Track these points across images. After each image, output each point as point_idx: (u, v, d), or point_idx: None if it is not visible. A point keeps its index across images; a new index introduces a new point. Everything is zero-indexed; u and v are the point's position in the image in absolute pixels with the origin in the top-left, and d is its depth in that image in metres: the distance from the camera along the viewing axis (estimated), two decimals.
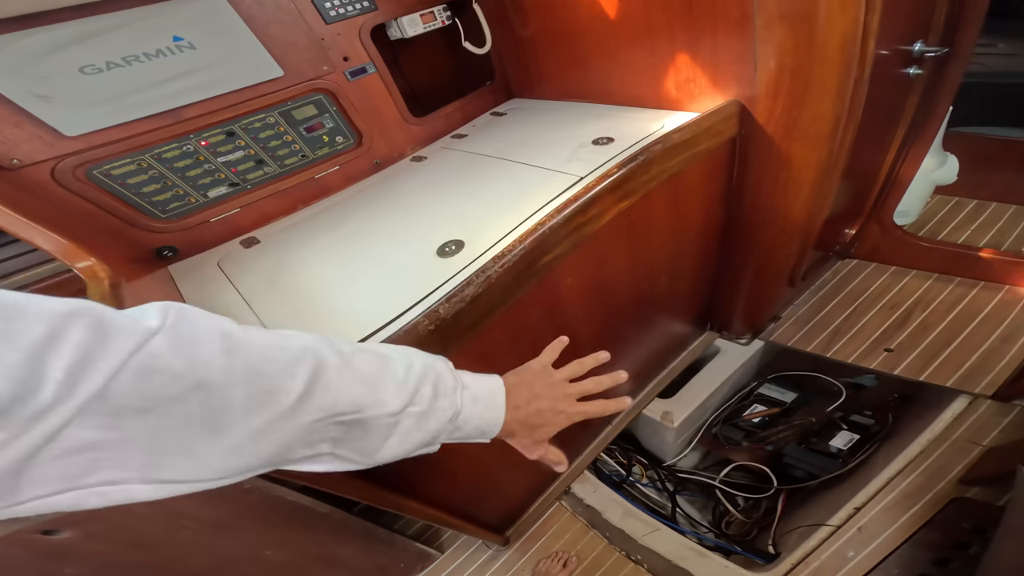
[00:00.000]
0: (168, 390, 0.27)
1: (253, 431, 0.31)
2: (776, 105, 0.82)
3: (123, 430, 0.26)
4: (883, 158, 1.23)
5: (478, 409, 0.45)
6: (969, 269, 1.42)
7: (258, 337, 0.33)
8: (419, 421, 0.40)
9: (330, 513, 0.92)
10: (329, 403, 0.34)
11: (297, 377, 0.33)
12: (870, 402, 1.48)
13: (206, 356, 0.29)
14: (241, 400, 0.30)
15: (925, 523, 1.02)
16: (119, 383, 0.25)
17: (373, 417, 0.37)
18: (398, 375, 0.39)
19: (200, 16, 0.77)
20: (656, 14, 0.87)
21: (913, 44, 0.90)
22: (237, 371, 0.30)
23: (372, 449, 0.38)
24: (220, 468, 0.31)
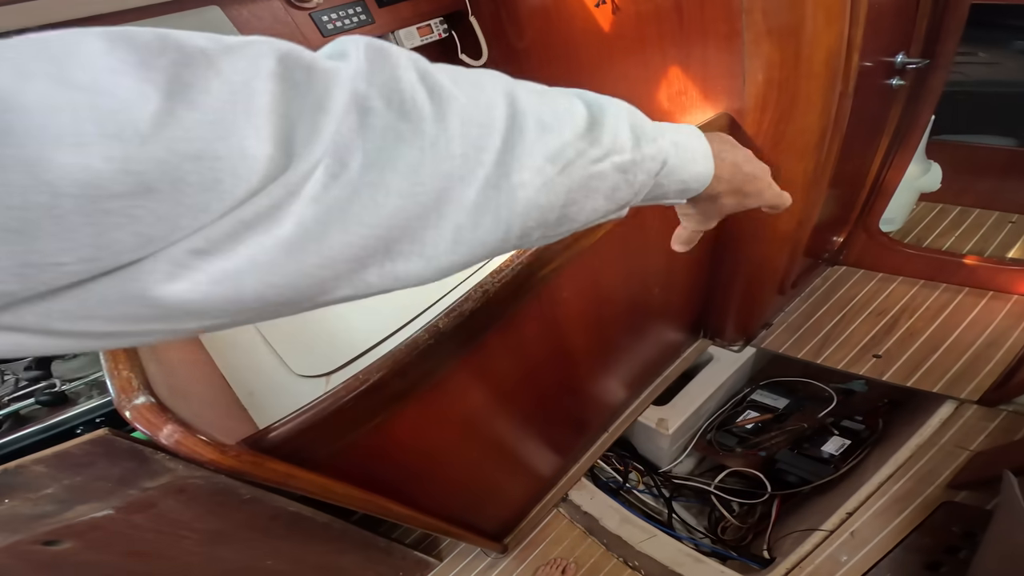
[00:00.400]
0: (393, 153, 0.22)
1: (470, 206, 0.25)
2: (764, 118, 0.84)
3: None
4: (868, 167, 1.26)
5: (682, 158, 0.35)
6: (954, 275, 1.45)
7: (454, 74, 0.26)
8: (626, 174, 0.31)
9: (330, 523, 0.92)
10: (530, 161, 0.27)
11: (497, 128, 0.26)
12: (861, 408, 1.51)
13: (417, 105, 0.23)
14: (459, 160, 0.24)
15: (916, 527, 1.04)
16: (339, 146, 0.20)
17: (576, 171, 0.29)
18: (583, 114, 0.30)
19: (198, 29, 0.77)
20: (648, 29, 0.89)
21: (895, 56, 0.93)
22: (451, 122, 0.24)
23: (576, 214, 0.30)
24: (447, 267, 0.26)
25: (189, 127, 0.16)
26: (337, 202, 0.20)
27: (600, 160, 0.30)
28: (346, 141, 0.20)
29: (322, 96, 0.19)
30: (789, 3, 0.67)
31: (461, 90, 0.25)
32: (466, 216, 0.25)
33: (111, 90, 0.15)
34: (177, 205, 0.16)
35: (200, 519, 0.73)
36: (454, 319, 0.64)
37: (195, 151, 0.16)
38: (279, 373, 0.65)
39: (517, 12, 1.15)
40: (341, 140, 0.20)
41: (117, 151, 0.15)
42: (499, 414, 0.96)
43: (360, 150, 0.21)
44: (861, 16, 0.69)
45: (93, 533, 0.62)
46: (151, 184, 0.15)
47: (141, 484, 0.60)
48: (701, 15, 0.79)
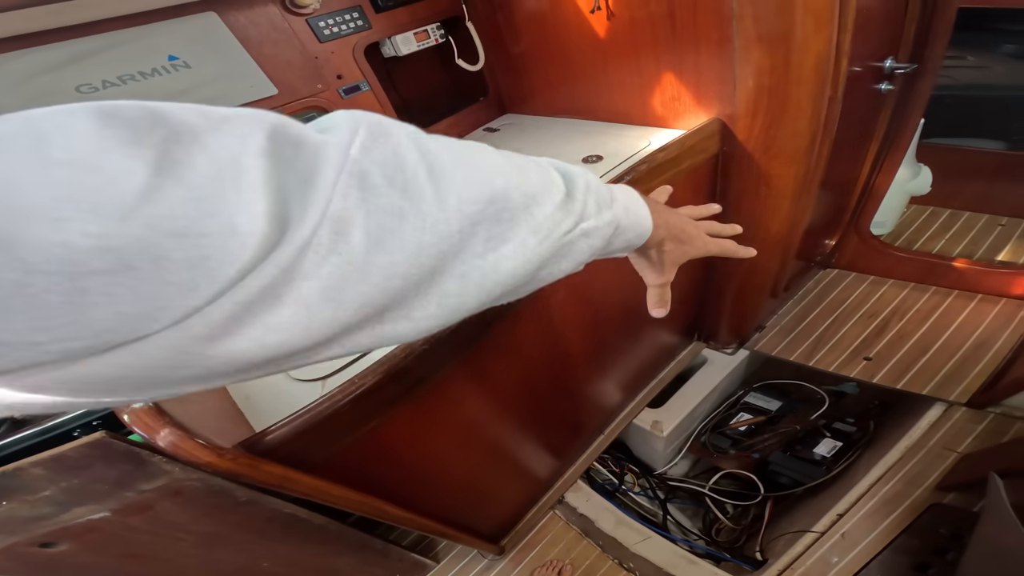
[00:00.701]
0: (393, 229, 0.22)
1: (458, 275, 0.27)
2: (755, 123, 0.86)
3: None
4: (859, 171, 1.28)
5: (630, 220, 0.40)
6: (943, 278, 1.47)
7: (451, 150, 0.27)
8: (587, 239, 0.35)
9: (326, 525, 0.92)
10: (515, 232, 0.29)
11: (491, 201, 0.28)
12: (852, 410, 1.52)
13: (418, 184, 0.23)
14: (457, 236, 0.25)
15: (904, 529, 1.05)
16: (339, 222, 0.20)
17: (552, 241, 0.32)
18: (560, 187, 0.33)
19: (195, 35, 0.78)
20: (642, 35, 0.91)
21: (884, 61, 0.94)
22: (450, 202, 0.25)
23: (545, 278, 0.34)
24: (427, 328, 0.27)
25: (174, 204, 0.16)
26: (340, 278, 0.20)
27: (571, 230, 0.33)
28: (344, 215, 0.20)
29: (310, 172, 0.19)
30: (778, 10, 0.69)
31: (458, 169, 0.26)
32: (453, 285, 0.26)
33: (97, 166, 0.15)
34: (161, 283, 0.16)
35: (196, 521, 0.73)
36: None
37: (179, 228, 0.16)
38: (275, 376, 0.65)
39: (513, 17, 1.16)
40: (338, 214, 0.20)
41: (95, 227, 0.14)
42: (495, 417, 0.97)
43: (362, 226, 0.21)
44: (850, 22, 0.71)
45: (90, 535, 0.62)
46: (130, 261, 0.15)
47: (138, 486, 0.60)
48: (693, 22, 0.81)
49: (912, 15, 0.94)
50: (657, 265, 0.50)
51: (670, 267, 0.50)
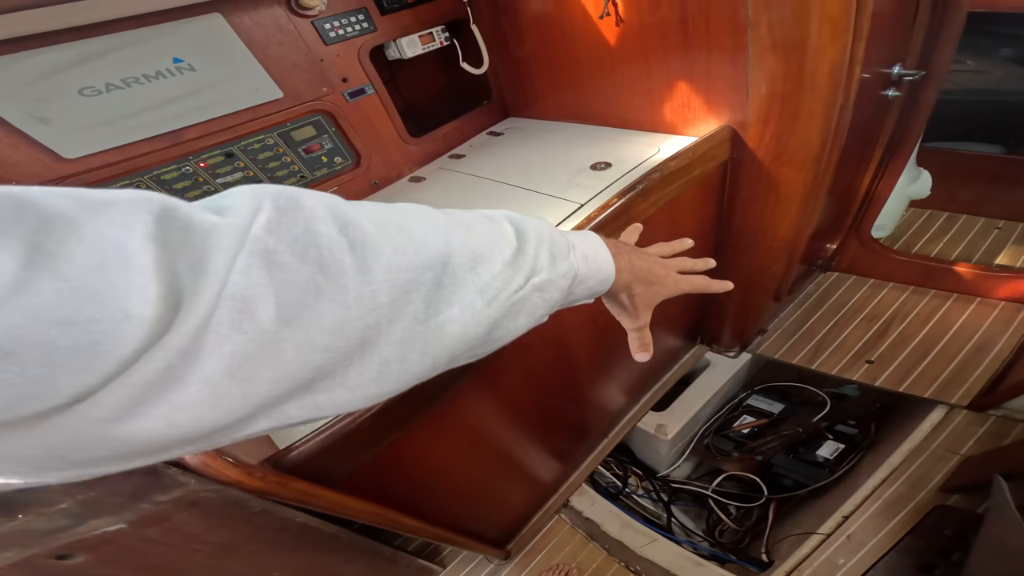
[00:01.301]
0: (307, 305, 0.22)
1: (397, 342, 0.26)
2: (766, 131, 0.85)
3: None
4: (862, 176, 1.29)
5: (590, 268, 0.40)
6: (942, 281, 1.49)
7: (373, 216, 0.27)
8: (542, 292, 0.35)
9: (337, 533, 0.91)
10: (459, 295, 0.29)
11: (429, 267, 0.28)
12: (853, 412, 1.53)
13: (335, 258, 0.23)
14: (387, 308, 0.25)
15: (910, 531, 1.06)
16: (241, 301, 0.20)
17: (502, 300, 0.32)
18: (511, 242, 0.33)
19: (200, 38, 0.77)
20: (653, 40, 0.90)
21: (892, 68, 0.95)
22: (375, 273, 0.25)
23: (501, 337, 0.34)
24: (376, 394, 0.27)
25: (49, 296, 0.16)
26: (246, 356, 0.20)
27: (522, 286, 0.33)
28: (248, 294, 0.20)
29: (200, 256, 0.19)
30: (795, 18, 0.68)
31: (387, 238, 0.26)
32: (391, 352, 0.26)
33: None
34: (49, 367, 0.16)
35: (211, 532, 0.72)
36: None
37: (63, 317, 0.16)
38: None
39: (518, 20, 1.15)
40: (240, 294, 0.20)
41: None
42: (503, 423, 0.96)
43: (271, 304, 0.21)
44: (865, 30, 0.71)
45: (106, 547, 0.61)
46: (8, 349, 0.15)
47: (154, 498, 0.59)
48: (706, 29, 0.80)
49: (921, 21, 0.94)
50: (630, 309, 0.49)
51: (643, 310, 0.50)
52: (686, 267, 0.54)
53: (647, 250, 0.53)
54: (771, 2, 0.69)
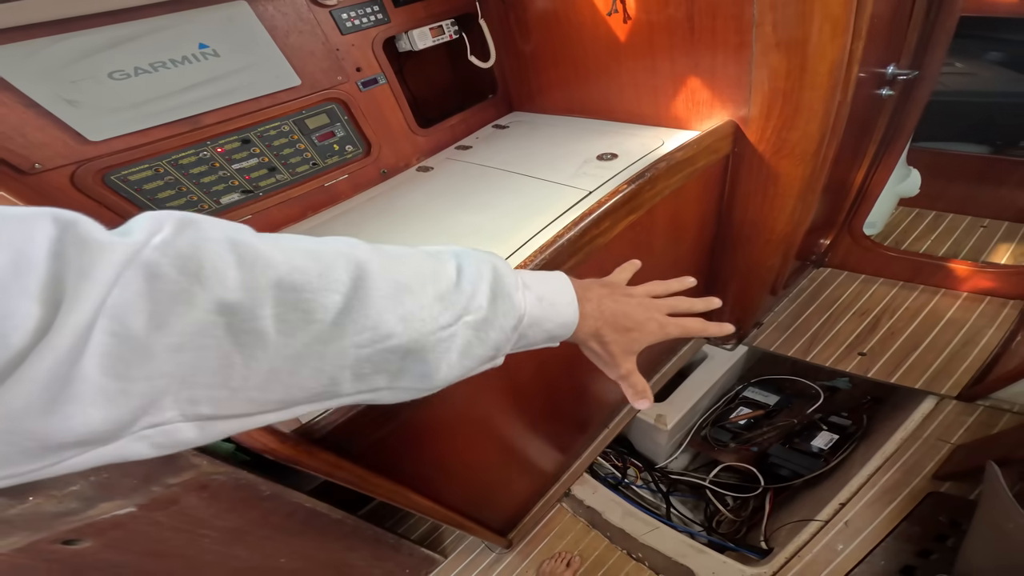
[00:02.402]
0: (179, 312, 0.23)
1: (291, 355, 0.27)
2: (768, 126, 0.89)
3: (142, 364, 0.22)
4: (856, 172, 1.34)
5: (545, 310, 0.38)
6: (931, 277, 1.54)
7: (281, 243, 0.28)
8: (478, 332, 0.34)
9: (343, 519, 0.92)
10: (374, 321, 0.29)
11: (335, 289, 0.28)
12: (846, 404, 1.58)
13: (218, 272, 0.24)
14: (271, 320, 0.26)
15: (905, 517, 1.09)
16: (118, 309, 0.22)
17: (425, 333, 0.31)
18: (450, 277, 0.33)
19: (226, 24, 0.78)
20: (659, 37, 0.93)
21: (887, 67, 0.99)
22: (262, 285, 0.26)
23: (431, 372, 0.33)
24: (261, 400, 0.27)
25: None
26: (119, 357, 0.22)
27: (452, 323, 0.32)
28: (126, 304, 0.22)
29: (88, 267, 0.21)
30: (798, 17, 0.72)
31: (285, 259, 0.27)
32: (283, 363, 0.27)
33: None
34: None
35: (220, 516, 0.72)
36: None
37: None
38: None
39: (525, 16, 1.18)
40: (119, 303, 0.22)
41: None
42: (513, 410, 0.98)
43: (145, 312, 0.22)
44: (864, 30, 0.74)
45: (114, 531, 0.61)
46: None
47: (165, 480, 0.59)
48: (712, 26, 0.83)
49: (915, 23, 0.98)
50: (605, 357, 0.46)
51: (622, 358, 0.45)
52: (681, 308, 0.50)
53: (635, 290, 0.49)
54: (776, 2, 0.73)
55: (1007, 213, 1.69)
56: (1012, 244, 1.63)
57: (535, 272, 0.41)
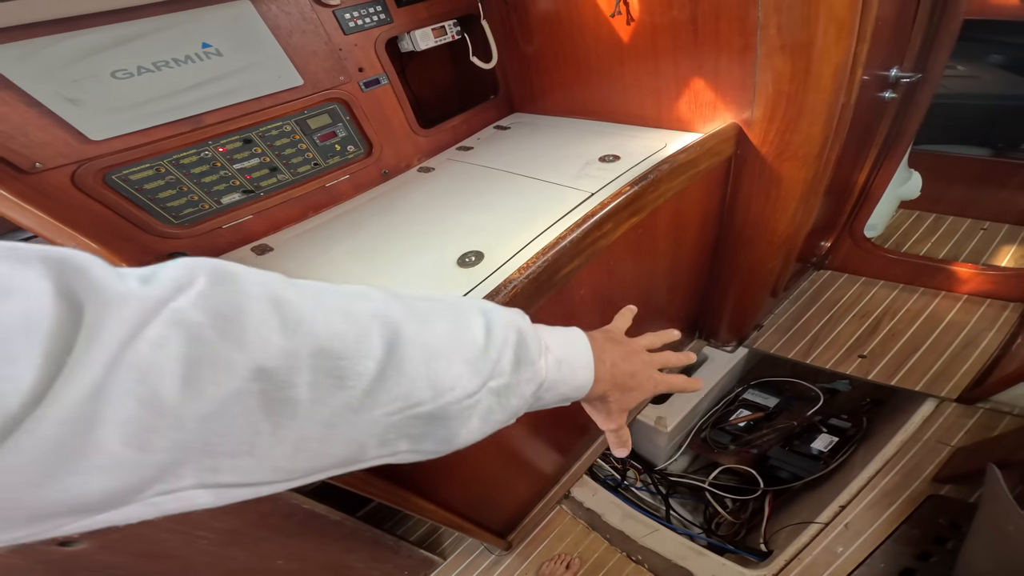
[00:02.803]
0: (217, 380, 0.21)
1: (321, 423, 0.25)
2: (771, 128, 0.89)
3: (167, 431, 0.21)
4: (857, 175, 1.34)
5: (563, 374, 0.38)
6: (931, 280, 1.54)
7: (322, 300, 0.27)
8: (500, 397, 0.33)
9: (342, 521, 0.91)
10: (406, 389, 0.28)
11: (370, 356, 0.27)
12: (845, 406, 1.58)
13: (261, 336, 0.23)
14: (306, 387, 0.24)
15: (905, 519, 1.09)
16: (149, 372, 0.20)
17: (452, 401, 0.30)
18: (478, 341, 0.32)
19: (229, 23, 0.78)
20: (663, 39, 0.93)
21: (890, 70, 0.99)
22: (301, 352, 0.24)
23: (451, 437, 0.32)
24: (286, 469, 0.26)
25: None
26: (143, 425, 0.20)
27: (478, 391, 0.32)
28: (159, 368, 0.20)
29: (98, 321, 0.19)
30: (803, 20, 0.72)
31: (327, 320, 0.25)
32: (314, 431, 0.25)
33: None
34: None
35: (217, 518, 0.72)
36: None
37: None
38: None
39: (527, 17, 1.17)
40: (145, 363, 0.19)
41: None
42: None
43: (179, 378, 0.20)
44: (868, 33, 0.74)
45: (111, 533, 0.61)
46: None
47: None
48: (716, 29, 0.83)
49: (919, 26, 0.99)
50: (603, 414, 0.47)
51: (618, 415, 0.47)
52: (669, 362, 0.52)
53: (638, 345, 0.50)
54: (781, 4, 0.73)
55: (1008, 216, 1.69)
56: (1013, 246, 1.64)
57: (555, 331, 0.41)
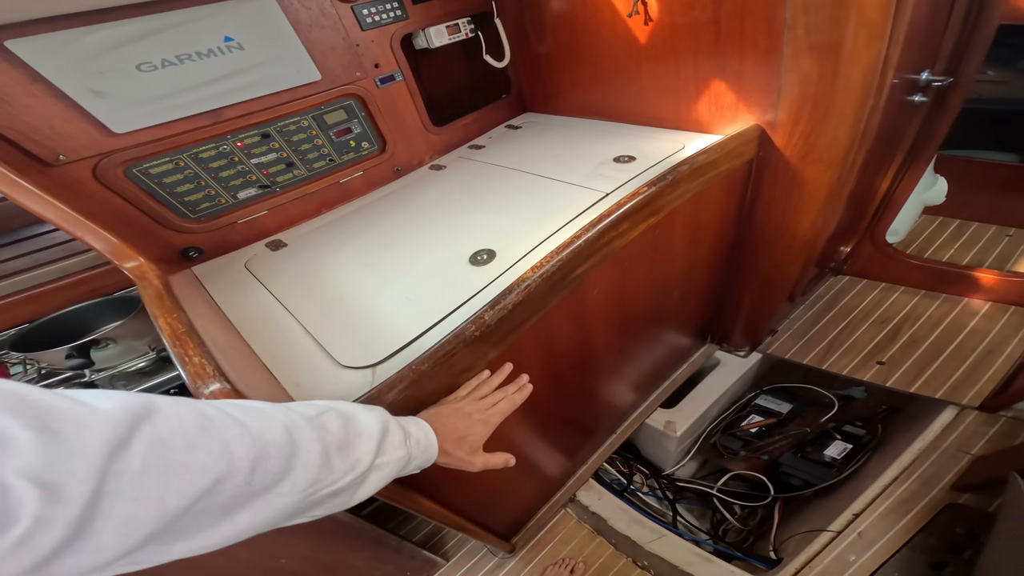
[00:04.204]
0: (177, 490, 0.28)
1: (255, 495, 0.34)
2: (795, 130, 0.87)
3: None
4: (881, 179, 1.30)
5: (420, 449, 0.52)
6: (954, 286, 1.51)
7: (245, 420, 0.35)
8: (380, 471, 0.46)
9: (347, 520, 0.92)
10: (315, 478, 0.38)
11: (293, 458, 0.36)
12: (860, 413, 1.55)
13: (211, 458, 0.31)
14: (243, 488, 0.33)
15: (921, 528, 1.07)
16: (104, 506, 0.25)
17: (353, 479, 0.42)
18: (371, 433, 0.45)
19: (251, 17, 0.78)
20: (683, 40, 0.91)
21: (921, 73, 0.96)
22: (243, 461, 0.33)
23: (346, 501, 0.44)
24: (217, 543, 0.33)
25: None
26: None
27: (367, 471, 0.43)
28: None
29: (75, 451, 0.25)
30: (832, 21, 0.70)
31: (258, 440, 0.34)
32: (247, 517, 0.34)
33: None
34: None
35: None
36: (498, 312, 0.64)
37: None
38: (324, 364, 0.65)
39: (541, 17, 1.16)
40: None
41: None
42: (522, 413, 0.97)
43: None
44: (901, 35, 0.72)
45: None
46: None
47: None
48: (740, 30, 0.81)
49: (952, 29, 0.95)
50: (457, 462, 0.59)
51: (470, 456, 0.60)
52: (496, 398, 0.66)
53: (460, 392, 0.65)
54: (809, 5, 0.71)
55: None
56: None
57: (407, 420, 0.53)
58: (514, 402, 0.68)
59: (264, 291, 0.81)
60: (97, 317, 0.99)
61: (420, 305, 0.72)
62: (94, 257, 0.98)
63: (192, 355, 0.47)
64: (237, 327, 0.74)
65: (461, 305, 0.70)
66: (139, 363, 0.95)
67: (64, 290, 0.96)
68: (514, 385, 0.71)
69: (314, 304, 0.77)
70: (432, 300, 0.72)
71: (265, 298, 0.80)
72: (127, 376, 0.90)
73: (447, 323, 0.68)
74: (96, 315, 1.00)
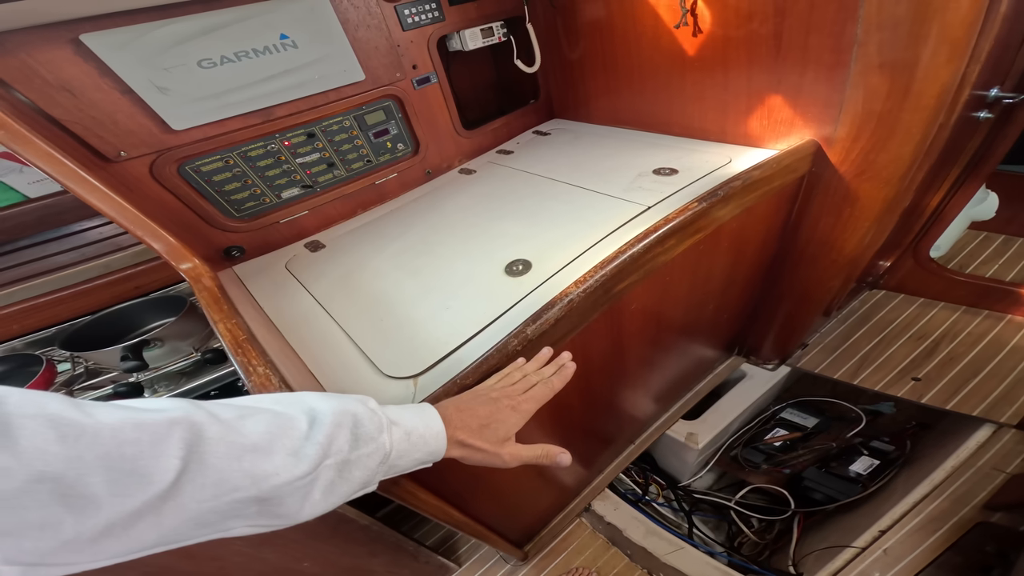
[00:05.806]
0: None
1: (128, 513, 0.28)
2: (855, 147, 0.83)
3: None
4: (932, 195, 1.25)
5: (413, 443, 0.44)
6: (997, 303, 1.46)
7: (105, 415, 0.30)
8: (341, 472, 0.38)
9: (370, 525, 0.92)
10: (215, 480, 0.32)
11: (169, 455, 0.30)
12: (888, 429, 1.52)
13: (34, 447, 0.26)
14: (103, 484, 0.28)
15: (950, 546, 1.05)
16: None
17: (279, 485, 0.34)
18: (300, 431, 0.37)
19: (305, 15, 0.77)
20: (735, 52, 0.87)
21: (990, 90, 0.91)
22: (87, 458, 0.27)
23: (293, 512, 0.36)
24: (94, 550, 0.28)
25: None
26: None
27: (312, 471, 0.36)
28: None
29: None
30: (910, 38, 0.66)
31: (110, 431, 0.29)
32: (120, 519, 0.29)
33: None
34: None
35: None
36: (540, 327, 0.63)
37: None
38: (369, 374, 0.65)
39: (574, 23, 1.13)
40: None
41: None
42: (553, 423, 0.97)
43: None
44: (983, 54, 0.68)
45: None
46: None
47: None
48: (804, 44, 0.78)
49: None
50: (479, 455, 0.51)
51: (495, 445, 0.51)
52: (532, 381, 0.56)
53: (489, 381, 0.56)
54: (884, 22, 0.67)
55: None
56: None
57: (407, 408, 0.46)
58: (552, 386, 0.57)
59: (305, 293, 0.81)
60: (142, 316, 0.99)
61: (458, 315, 0.71)
62: (137, 253, 0.98)
63: (256, 364, 0.47)
64: (280, 329, 0.74)
65: (499, 317, 0.69)
66: (182, 363, 0.93)
67: (110, 286, 0.95)
68: (552, 366, 0.60)
69: (355, 308, 0.76)
70: (470, 310, 0.71)
71: (306, 300, 0.80)
72: (169, 377, 0.91)
73: (486, 335, 0.67)
74: (140, 314, 0.99)
